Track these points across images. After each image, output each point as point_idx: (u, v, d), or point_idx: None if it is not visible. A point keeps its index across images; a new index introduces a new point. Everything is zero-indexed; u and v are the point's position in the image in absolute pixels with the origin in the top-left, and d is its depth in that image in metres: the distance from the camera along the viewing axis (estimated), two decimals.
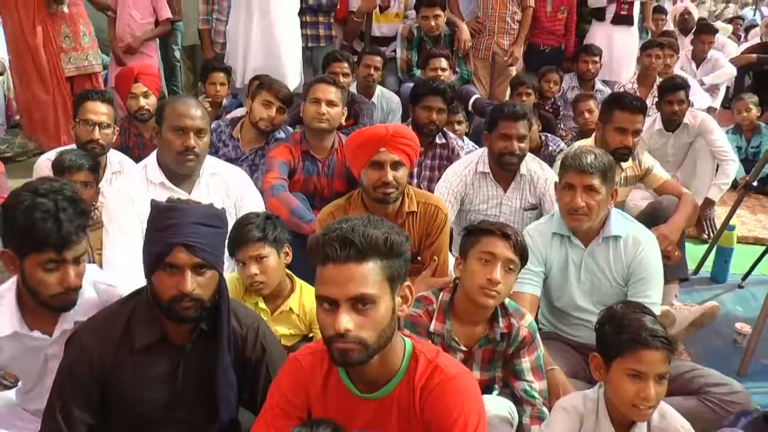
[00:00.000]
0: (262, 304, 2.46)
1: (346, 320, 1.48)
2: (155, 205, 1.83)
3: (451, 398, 1.60)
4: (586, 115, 4.65)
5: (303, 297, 2.50)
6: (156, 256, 1.76)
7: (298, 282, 2.55)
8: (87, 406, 1.82)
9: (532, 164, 3.30)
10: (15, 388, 2.24)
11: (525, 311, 2.30)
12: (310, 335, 2.54)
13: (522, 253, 2.19)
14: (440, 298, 2.25)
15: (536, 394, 2.22)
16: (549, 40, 6.05)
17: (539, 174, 3.28)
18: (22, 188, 1.87)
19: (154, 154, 2.76)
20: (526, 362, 2.25)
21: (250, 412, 1.99)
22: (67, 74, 4.74)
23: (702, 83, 6.34)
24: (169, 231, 1.74)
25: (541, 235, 2.70)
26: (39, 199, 1.81)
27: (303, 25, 4.90)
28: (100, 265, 2.85)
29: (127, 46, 5.33)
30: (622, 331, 1.89)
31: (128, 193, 2.68)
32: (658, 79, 5.41)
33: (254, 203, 2.90)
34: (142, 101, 3.94)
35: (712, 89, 6.49)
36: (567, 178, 2.61)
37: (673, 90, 4.38)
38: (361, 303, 1.50)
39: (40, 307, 1.90)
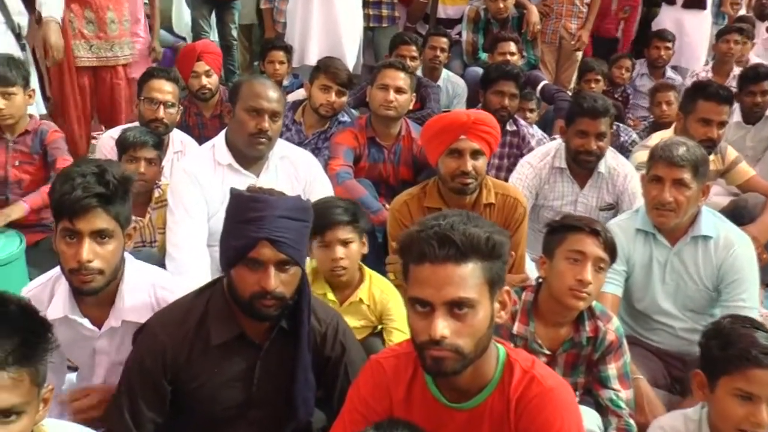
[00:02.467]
0: (330, 296, 2.36)
1: (443, 326, 1.37)
2: (237, 194, 1.72)
3: (551, 412, 1.49)
4: (664, 106, 4.42)
5: (373, 287, 2.40)
6: (238, 250, 1.65)
7: (368, 271, 2.45)
8: (156, 403, 1.74)
9: (611, 161, 3.12)
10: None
11: (612, 314, 2.17)
12: (379, 327, 2.44)
13: (612, 251, 2.05)
14: (523, 297, 2.12)
15: (623, 404, 2.07)
16: (606, 32, 5.89)
17: (618, 171, 3.10)
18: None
19: (222, 134, 2.67)
20: (612, 369, 2.10)
21: (321, 411, 1.91)
22: (83, 64, 3.97)
23: None
24: (253, 224, 1.63)
25: (624, 232, 2.54)
26: (73, 167, 1.77)
27: (365, 4, 4.78)
28: (163, 245, 2.80)
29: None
30: (729, 347, 1.71)
31: (194, 173, 2.60)
32: (736, 68, 5.16)
33: (323, 188, 2.80)
34: (204, 80, 3.89)
35: None
36: (655, 170, 2.43)
37: (757, 80, 4.11)
38: (458, 307, 1.39)
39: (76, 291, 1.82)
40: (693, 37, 5.81)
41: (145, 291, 1.91)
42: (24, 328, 1.26)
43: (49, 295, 1.88)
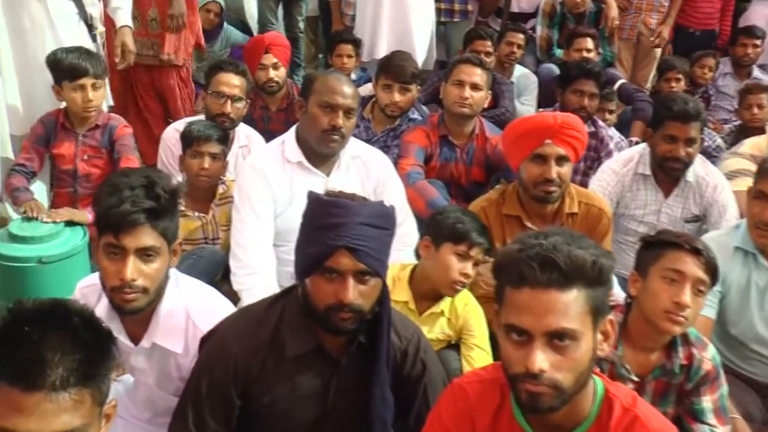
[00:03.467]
0: (411, 305, 2.25)
1: (542, 359, 1.24)
2: (315, 198, 1.61)
3: None
4: (755, 110, 4.12)
5: (456, 300, 2.28)
6: (314, 258, 1.54)
7: None
8: (224, 417, 1.65)
9: (700, 169, 2.90)
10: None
11: (707, 341, 1.99)
12: (452, 342, 2.32)
13: (713, 273, 1.88)
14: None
15: None
16: (700, 22, 5.49)
17: (708, 180, 2.88)
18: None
19: (292, 131, 2.58)
20: (707, 402, 1.93)
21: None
22: None
23: None
24: (331, 231, 1.52)
25: (721, 249, 2.32)
26: (121, 177, 1.67)
27: None
28: (226, 242, 2.73)
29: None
30: None
31: (263, 170, 2.52)
32: None
33: (396, 190, 2.69)
34: (272, 73, 3.79)
35: None
36: (761, 186, 2.25)
37: None
38: (559, 339, 1.26)
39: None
40: None
41: (179, 316, 1.79)
42: (87, 342, 1.16)
43: (98, 296, 1.79)
